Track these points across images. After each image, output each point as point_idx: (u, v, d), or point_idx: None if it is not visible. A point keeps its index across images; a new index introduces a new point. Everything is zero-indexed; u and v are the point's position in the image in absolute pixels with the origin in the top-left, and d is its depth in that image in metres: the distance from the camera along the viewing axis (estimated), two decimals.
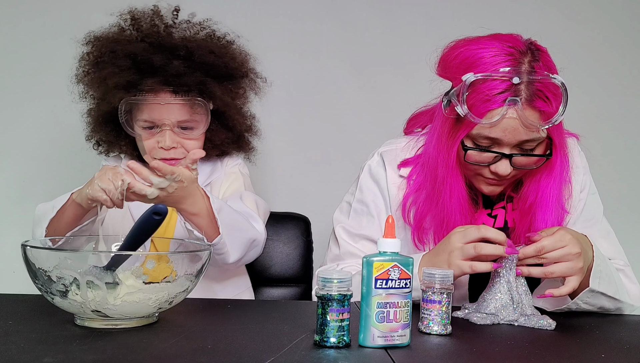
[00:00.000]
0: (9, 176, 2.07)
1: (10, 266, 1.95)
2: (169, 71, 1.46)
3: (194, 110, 1.49)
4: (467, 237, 1.19)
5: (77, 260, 1.00)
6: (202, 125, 1.51)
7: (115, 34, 1.52)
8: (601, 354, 1.00)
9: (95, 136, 1.61)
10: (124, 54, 1.48)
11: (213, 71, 1.52)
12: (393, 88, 2.17)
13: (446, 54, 1.29)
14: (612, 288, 1.26)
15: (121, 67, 1.47)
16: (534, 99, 1.19)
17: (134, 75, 1.47)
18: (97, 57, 1.52)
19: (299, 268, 1.84)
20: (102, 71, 1.49)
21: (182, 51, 1.49)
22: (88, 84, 1.55)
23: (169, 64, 1.47)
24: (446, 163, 1.29)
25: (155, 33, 1.51)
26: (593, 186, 1.44)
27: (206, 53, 1.51)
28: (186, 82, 1.47)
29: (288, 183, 2.15)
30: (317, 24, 2.17)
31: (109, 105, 1.50)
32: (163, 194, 1.27)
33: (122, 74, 1.46)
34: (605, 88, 2.25)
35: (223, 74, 1.54)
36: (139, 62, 1.47)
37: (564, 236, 1.18)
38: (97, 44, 1.52)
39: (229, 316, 1.16)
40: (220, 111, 1.55)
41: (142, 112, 1.49)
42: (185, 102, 1.48)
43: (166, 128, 1.48)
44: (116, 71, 1.47)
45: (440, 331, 1.06)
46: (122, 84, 1.47)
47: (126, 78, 1.46)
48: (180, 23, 1.57)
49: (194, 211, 1.33)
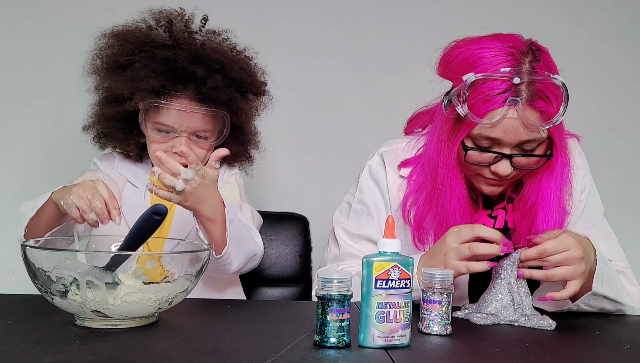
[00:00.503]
0: (9, 176, 2.07)
1: (10, 266, 1.94)
2: (208, 85, 1.46)
3: (216, 122, 1.51)
4: (462, 237, 1.19)
5: (76, 260, 1.00)
6: (215, 136, 1.52)
7: (146, 34, 1.51)
8: (601, 354, 1.00)
9: (98, 128, 1.58)
10: (161, 59, 1.47)
11: (243, 88, 1.53)
12: (393, 88, 2.17)
13: (447, 54, 1.29)
14: (614, 291, 1.26)
15: (157, 71, 1.46)
16: (535, 100, 1.19)
17: (169, 81, 1.47)
18: (126, 54, 1.49)
19: (297, 268, 1.84)
20: (133, 71, 1.47)
21: (218, 65, 1.49)
22: (106, 77, 1.52)
23: (208, 77, 1.47)
24: (446, 163, 1.29)
25: (191, 42, 1.50)
26: (594, 187, 1.44)
27: (239, 70, 1.52)
28: (219, 97, 1.48)
29: (287, 183, 2.15)
30: (318, 25, 2.17)
31: (133, 105, 1.48)
32: (188, 188, 1.26)
33: (157, 78, 1.46)
34: (605, 89, 2.25)
35: (250, 91, 1.56)
36: (177, 70, 1.47)
37: (566, 239, 1.17)
38: (126, 39, 1.50)
39: (229, 316, 1.16)
40: (238, 126, 1.56)
41: (159, 116, 1.48)
42: (209, 113, 1.49)
43: (184, 135, 1.48)
44: (151, 75, 1.46)
45: (440, 331, 1.06)
46: (156, 89, 1.46)
47: (161, 83, 1.46)
48: (206, 33, 1.56)
49: (212, 217, 1.31)
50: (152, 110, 1.49)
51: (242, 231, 1.41)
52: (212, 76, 1.47)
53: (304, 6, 2.17)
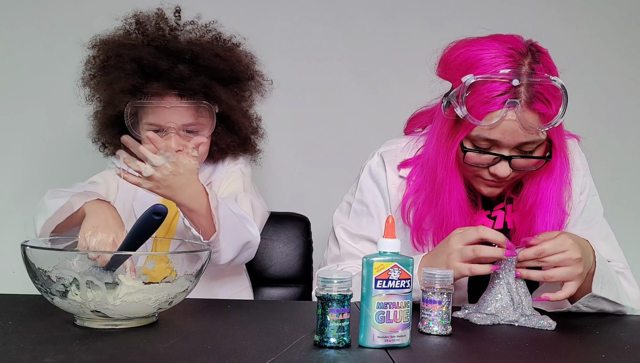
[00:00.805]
0: (9, 176, 2.07)
1: (10, 266, 1.94)
2: (174, 75, 1.47)
3: (200, 113, 1.50)
4: (466, 239, 1.19)
5: (76, 260, 1.00)
6: (207, 128, 1.52)
7: (121, 38, 1.53)
8: (601, 354, 1.00)
9: (102, 138, 1.62)
10: (130, 58, 1.48)
11: (218, 75, 1.52)
12: (393, 88, 2.17)
13: (446, 55, 1.29)
14: (614, 293, 1.26)
15: (127, 71, 1.47)
16: (534, 102, 1.19)
17: (140, 79, 1.48)
18: (103, 60, 1.52)
19: (298, 268, 1.84)
20: (108, 75, 1.50)
21: (188, 54, 1.50)
22: (94, 88, 1.56)
23: (174, 68, 1.47)
24: (445, 164, 1.29)
25: (161, 37, 1.51)
26: (593, 188, 1.43)
27: (211, 56, 1.51)
28: (191, 86, 1.47)
29: (288, 183, 2.15)
30: (318, 27, 2.17)
31: (114, 109, 1.51)
32: (158, 175, 1.28)
33: (127, 78, 1.47)
34: (606, 89, 2.25)
35: (228, 78, 1.55)
36: (145, 67, 1.48)
37: (565, 240, 1.17)
38: (104, 47, 1.53)
39: (229, 316, 1.16)
40: (225, 114, 1.55)
41: (147, 116, 1.49)
42: (190, 106, 1.49)
43: (172, 131, 1.48)
44: (122, 76, 1.47)
45: (441, 331, 1.06)
46: (127, 89, 1.48)
47: (131, 82, 1.47)
48: (185, 25, 1.57)
49: (193, 207, 1.33)
50: (140, 112, 1.50)
51: (231, 219, 1.41)
52: (177, 66, 1.47)
53: (305, 8, 2.17)
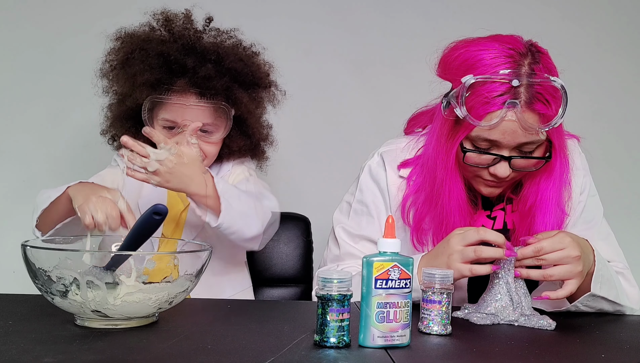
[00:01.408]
0: (9, 176, 2.07)
1: (10, 266, 1.94)
2: (199, 74, 1.48)
3: (217, 114, 1.51)
4: (467, 240, 1.18)
5: (77, 260, 1.00)
6: (222, 130, 1.53)
7: (147, 34, 1.54)
8: (601, 354, 1.00)
9: (112, 130, 1.62)
10: (156, 53, 1.49)
11: (240, 78, 1.54)
12: (393, 88, 2.17)
13: (446, 55, 1.29)
14: (613, 293, 1.26)
15: (152, 65, 1.49)
16: (534, 102, 1.19)
17: (164, 74, 1.49)
18: (127, 53, 1.52)
19: (299, 268, 1.84)
20: (132, 68, 1.50)
21: (213, 55, 1.51)
22: (113, 79, 1.56)
23: (200, 66, 1.48)
24: (445, 164, 1.29)
25: (187, 36, 1.53)
26: (593, 188, 1.43)
27: (235, 60, 1.53)
28: (214, 86, 1.49)
29: (288, 183, 2.15)
30: (318, 25, 2.17)
31: (134, 101, 1.51)
32: (163, 169, 1.28)
33: (152, 72, 1.48)
34: (606, 89, 2.25)
35: (249, 82, 1.56)
36: (171, 62, 1.49)
37: (563, 238, 1.17)
38: (128, 40, 1.54)
39: (229, 316, 1.16)
40: (242, 117, 1.57)
41: (165, 112, 1.50)
42: (209, 106, 1.50)
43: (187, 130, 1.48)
44: (146, 69, 1.48)
45: (440, 331, 1.06)
46: (151, 82, 1.48)
47: (156, 76, 1.48)
48: (210, 30, 1.59)
49: (205, 192, 1.34)
50: (156, 107, 1.51)
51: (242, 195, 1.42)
52: (204, 65, 1.49)
53: (305, 6, 2.17)
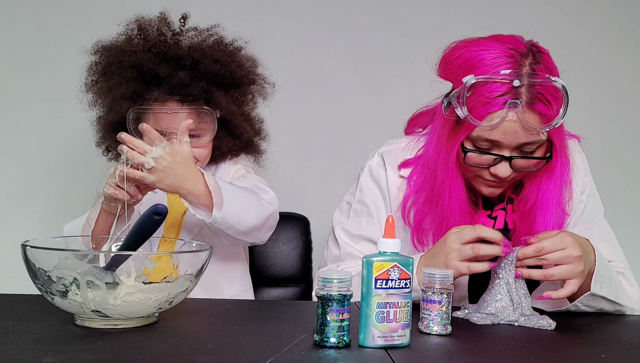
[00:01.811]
0: (9, 176, 2.07)
1: (10, 266, 1.94)
2: (174, 82, 1.48)
3: (201, 118, 1.50)
4: (464, 238, 1.19)
5: (77, 260, 1.00)
6: (209, 133, 1.52)
7: (123, 44, 1.53)
8: (601, 354, 1.00)
9: (105, 142, 1.63)
10: (130, 65, 1.49)
11: (219, 80, 1.53)
12: (393, 88, 2.17)
13: (447, 55, 1.29)
14: (613, 292, 1.26)
15: (127, 77, 1.49)
16: (535, 102, 1.19)
17: (140, 85, 1.49)
18: (105, 67, 1.53)
19: (298, 268, 1.84)
20: (110, 81, 1.51)
21: (188, 60, 1.50)
22: (97, 93, 1.57)
23: (174, 74, 1.48)
24: (446, 164, 1.29)
25: (162, 42, 1.52)
26: (594, 188, 1.43)
27: (212, 62, 1.52)
28: (191, 92, 1.48)
29: (288, 183, 2.15)
30: (317, 25, 2.17)
31: (116, 114, 1.52)
32: (159, 166, 1.30)
33: (128, 85, 1.48)
34: (607, 89, 2.25)
35: (229, 83, 1.55)
36: (145, 73, 1.49)
37: (564, 238, 1.17)
38: (105, 53, 1.54)
39: (229, 316, 1.16)
40: (226, 119, 1.56)
41: (149, 121, 1.49)
42: (191, 111, 1.49)
43: (174, 136, 1.47)
44: (122, 82, 1.49)
45: (440, 331, 1.06)
46: (128, 95, 1.49)
47: (132, 89, 1.48)
48: (187, 30, 1.58)
49: (198, 191, 1.35)
50: (142, 117, 1.50)
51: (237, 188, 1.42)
52: (177, 72, 1.48)
53: (304, 6, 2.17)
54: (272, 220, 1.50)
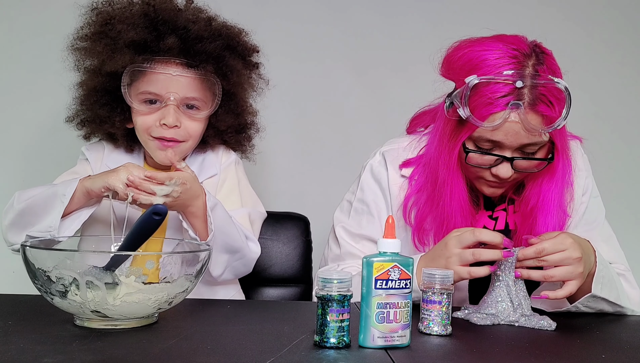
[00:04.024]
0: (9, 176, 2.07)
1: (10, 266, 1.94)
2: (191, 34, 1.38)
3: (205, 87, 1.41)
4: (464, 242, 1.18)
5: (76, 260, 1.00)
6: (209, 106, 1.44)
7: (125, 5, 1.43)
8: (601, 354, 1.00)
9: (82, 114, 1.51)
10: (141, 13, 1.38)
11: (233, 44, 1.45)
12: (394, 88, 2.17)
13: (450, 54, 1.29)
14: (614, 294, 1.25)
15: (136, 24, 1.37)
16: (537, 103, 1.19)
17: (150, 34, 1.37)
18: (105, 19, 1.41)
19: (298, 268, 1.84)
20: (112, 30, 1.38)
21: (202, 21, 1.42)
22: (87, 52, 1.44)
23: (190, 27, 1.38)
24: (447, 164, 1.29)
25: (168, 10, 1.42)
26: (595, 189, 1.43)
27: (224, 28, 1.45)
28: (206, 49, 1.39)
29: (288, 183, 2.15)
30: (318, 26, 2.17)
31: (114, 66, 1.38)
32: (169, 200, 1.27)
33: (137, 31, 1.36)
34: (609, 90, 2.25)
35: (240, 52, 1.48)
36: (158, 22, 1.38)
37: (565, 239, 1.17)
38: (105, 9, 1.43)
39: (229, 316, 1.16)
40: (231, 92, 1.47)
41: (146, 83, 1.39)
42: (196, 77, 1.40)
43: (171, 103, 1.39)
44: (130, 28, 1.36)
45: (441, 331, 1.06)
46: (136, 42, 1.37)
47: (141, 35, 1.37)
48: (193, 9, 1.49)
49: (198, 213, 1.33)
50: (136, 79, 1.39)
51: (228, 227, 1.38)
52: (195, 25, 1.40)
53: (306, 8, 2.17)
54: (244, 268, 1.47)
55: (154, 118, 1.42)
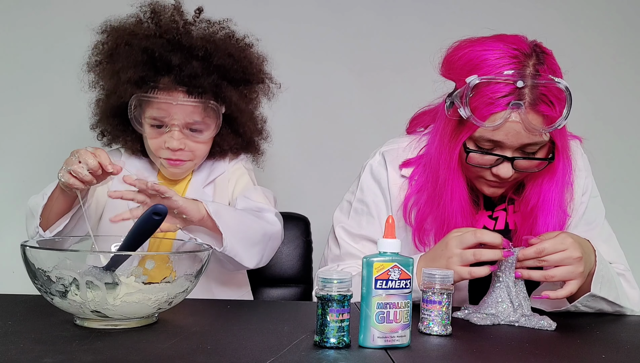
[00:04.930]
0: (9, 177, 2.07)
1: (10, 266, 1.94)
2: (185, 71, 1.43)
3: (206, 113, 1.46)
4: (464, 243, 1.18)
5: (76, 260, 1.00)
6: (212, 128, 1.49)
7: (133, 26, 1.48)
8: (601, 354, 1.00)
9: (101, 126, 1.58)
10: (141, 48, 1.44)
11: (230, 75, 1.49)
12: (393, 88, 2.17)
13: (450, 54, 1.28)
14: (613, 294, 1.25)
15: (136, 61, 1.44)
16: (538, 103, 1.18)
17: (149, 71, 1.44)
18: (111, 48, 1.47)
19: (298, 268, 1.84)
20: (116, 64, 1.46)
21: (201, 51, 1.45)
22: (99, 74, 1.52)
23: (186, 63, 1.44)
24: (448, 164, 1.29)
25: (174, 29, 1.47)
26: (595, 189, 1.43)
27: (224, 56, 1.48)
28: (201, 84, 1.44)
29: (288, 183, 2.15)
30: (318, 27, 2.17)
31: (119, 99, 1.47)
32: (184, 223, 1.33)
33: (136, 69, 1.43)
34: (609, 90, 2.25)
35: (239, 79, 1.51)
36: (155, 59, 1.44)
37: (565, 239, 1.17)
38: (113, 34, 1.48)
39: (229, 316, 1.16)
40: (232, 116, 1.53)
41: (152, 110, 1.45)
42: (197, 104, 1.45)
43: (175, 128, 1.45)
44: (130, 65, 1.43)
45: (441, 331, 1.06)
46: (135, 79, 1.44)
47: (140, 73, 1.43)
48: (200, 22, 1.53)
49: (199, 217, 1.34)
50: (144, 104, 1.46)
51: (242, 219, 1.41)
52: (190, 62, 1.44)
53: (306, 8, 2.17)
54: (274, 242, 1.48)
55: (161, 141, 1.48)
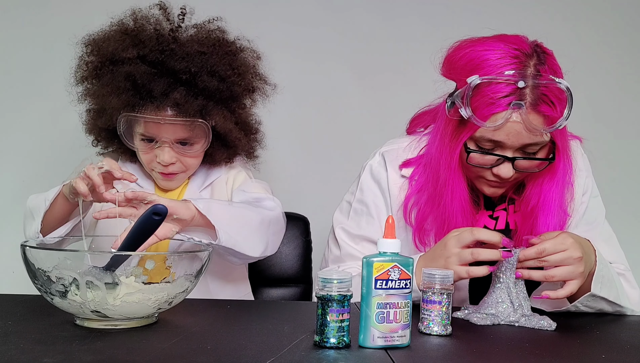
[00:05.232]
0: (9, 177, 2.07)
1: (10, 266, 1.94)
2: (170, 97, 1.41)
3: (195, 131, 1.45)
4: (463, 241, 1.18)
5: (76, 261, 1.00)
6: (202, 143, 1.48)
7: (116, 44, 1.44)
8: (601, 354, 1.00)
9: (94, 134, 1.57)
10: (123, 76, 1.42)
11: (216, 96, 1.47)
12: (393, 88, 2.17)
13: (451, 54, 1.28)
14: (613, 294, 1.25)
15: (120, 88, 1.42)
16: (539, 104, 1.18)
17: (132, 98, 1.43)
18: (96, 67, 1.47)
19: (298, 268, 1.84)
20: (102, 88, 1.45)
21: (185, 75, 1.43)
22: (86, 90, 1.51)
23: (170, 90, 1.42)
24: (448, 164, 1.29)
25: (157, 50, 1.44)
26: (595, 189, 1.43)
27: (210, 78, 1.44)
28: (187, 110, 1.42)
29: (287, 183, 2.15)
30: (318, 27, 2.17)
31: (106, 122, 1.47)
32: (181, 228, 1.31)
33: (120, 97, 1.42)
34: (609, 91, 2.25)
35: (226, 97, 1.49)
36: (139, 86, 1.42)
37: (565, 239, 1.17)
38: (97, 52, 1.47)
39: (229, 316, 1.16)
40: (221, 132, 1.51)
41: (141, 127, 1.46)
42: (185, 123, 1.43)
43: (165, 145, 1.45)
44: (114, 92, 1.43)
45: (440, 331, 1.06)
46: (119, 106, 1.43)
47: (124, 101, 1.42)
48: (187, 28, 1.51)
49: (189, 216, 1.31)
50: (133, 122, 1.46)
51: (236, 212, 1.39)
52: (174, 89, 1.42)
53: (306, 9, 2.17)
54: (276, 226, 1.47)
55: (152, 155, 1.49)
